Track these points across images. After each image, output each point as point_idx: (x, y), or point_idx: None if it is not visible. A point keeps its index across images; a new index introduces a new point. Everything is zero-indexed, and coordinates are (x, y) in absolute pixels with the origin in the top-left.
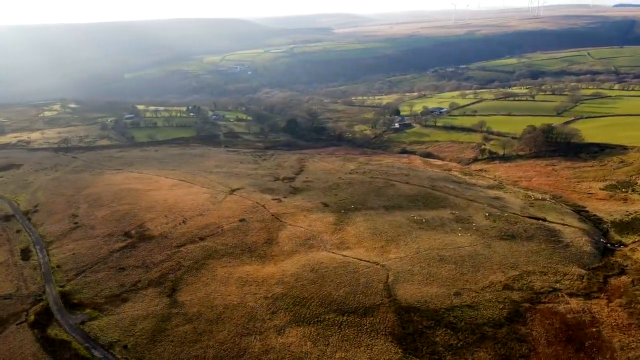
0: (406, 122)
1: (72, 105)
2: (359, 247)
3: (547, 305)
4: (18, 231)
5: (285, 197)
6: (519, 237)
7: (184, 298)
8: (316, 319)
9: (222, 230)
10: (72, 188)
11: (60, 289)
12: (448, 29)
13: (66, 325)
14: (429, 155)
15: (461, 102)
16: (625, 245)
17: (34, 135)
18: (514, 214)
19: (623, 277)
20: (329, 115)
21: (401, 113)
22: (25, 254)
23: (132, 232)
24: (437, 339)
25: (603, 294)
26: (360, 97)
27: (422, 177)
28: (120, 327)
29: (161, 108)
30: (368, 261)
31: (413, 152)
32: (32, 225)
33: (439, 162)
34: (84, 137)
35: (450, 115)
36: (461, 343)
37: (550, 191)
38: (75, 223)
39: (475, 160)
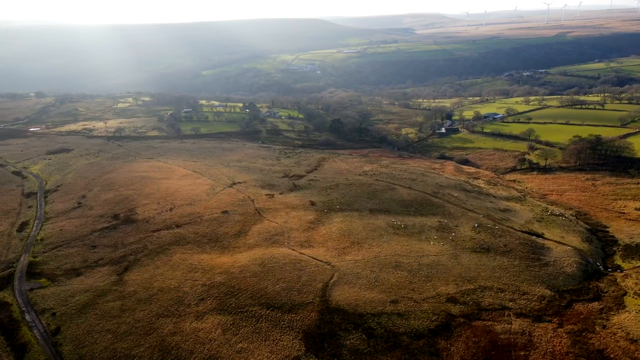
0: (454, 127)
1: (145, 99)
2: (321, 247)
3: (484, 322)
4: (30, 207)
5: (281, 194)
6: (494, 251)
7: (130, 277)
8: (239, 310)
9: (201, 219)
10: (97, 172)
11: (32, 259)
12: (536, 30)
13: (17, 290)
14: (465, 162)
15: (521, 108)
16: (621, 271)
17: (99, 125)
18: (509, 227)
19: (594, 304)
20: (382, 116)
21: (453, 118)
22: (23, 227)
23: (121, 215)
24: (347, 342)
25: (556, 318)
26: (421, 100)
27: (430, 183)
28: (60, 297)
29: (216, 103)
30: (321, 261)
31: (450, 158)
32: (45, 203)
33: (472, 170)
34: (139, 127)
35: (503, 122)
36: (369, 349)
37: (578, 207)
38: (79, 203)
39: (513, 170)
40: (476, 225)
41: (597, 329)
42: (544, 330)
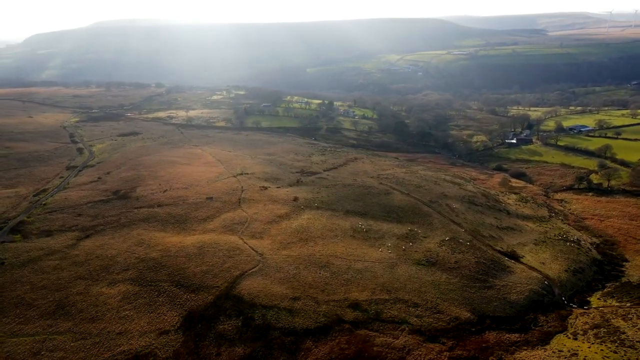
0: (527, 137)
1: (239, 92)
2: (269, 239)
3: (368, 332)
4: (61, 177)
5: (278, 187)
6: (439, 266)
7: (84, 244)
8: (150, 283)
9: (183, 202)
10: (138, 154)
11: (25, 219)
12: None
13: None
14: (520, 175)
15: (619, 121)
16: (586, 308)
17: (181, 113)
18: (487, 245)
19: (513, 335)
20: (462, 122)
21: (535, 127)
22: (40, 193)
23: (122, 191)
24: (220, 326)
25: (453, 342)
26: (515, 108)
27: (434, 192)
28: (17, 250)
29: (299, 99)
30: (256, 252)
31: (506, 170)
32: (74, 176)
33: (520, 185)
34: (211, 118)
35: (587, 136)
36: (234, 337)
37: (611, 235)
38: (99, 178)
39: (569, 188)
40: (447, 238)
41: (490, 359)
42: (428, 351)
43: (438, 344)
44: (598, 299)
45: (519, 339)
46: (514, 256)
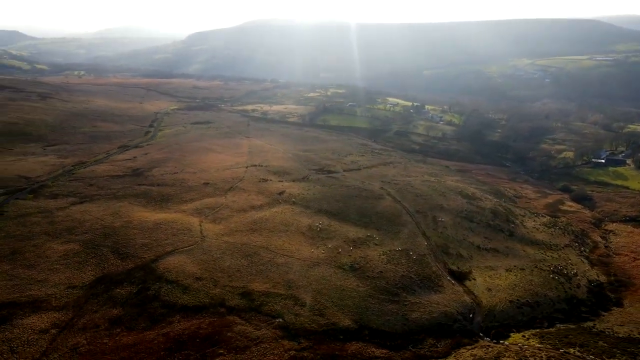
0: (619, 158)
1: (338, 91)
2: (224, 225)
3: (236, 319)
4: (107, 153)
5: (279, 182)
6: (359, 273)
7: (73, 208)
8: (94, 247)
9: (181, 184)
10: (188, 140)
11: (50, 184)
12: None
13: (12, 198)
14: (583, 199)
15: None
16: (494, 341)
17: (265, 107)
18: (442, 262)
19: (371, 349)
20: (562, 135)
21: None
22: (79, 164)
23: (139, 170)
24: (116, 290)
25: (308, 343)
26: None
27: (431, 203)
28: (21, 206)
29: (392, 100)
30: (202, 234)
31: (570, 191)
32: (119, 153)
33: (571, 209)
34: (288, 113)
35: None
36: (119, 299)
37: (630, 278)
38: (134, 157)
39: (632, 219)
40: (398, 249)
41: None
42: (277, 346)
43: (293, 342)
44: (523, 336)
45: (382, 355)
46: (461, 277)
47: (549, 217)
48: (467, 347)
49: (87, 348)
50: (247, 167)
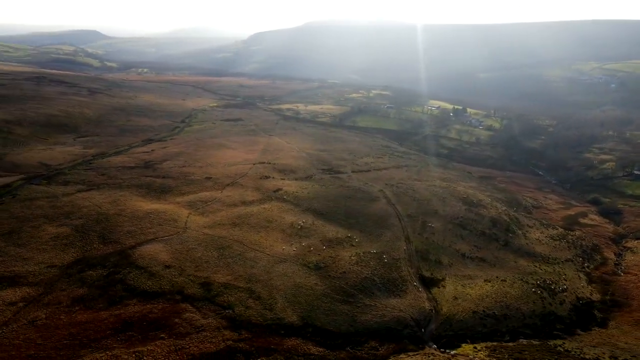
0: None
1: (382, 92)
2: (209, 218)
3: (188, 307)
4: (129, 145)
5: (282, 179)
6: (322, 272)
7: (78, 195)
8: (84, 231)
9: (185, 178)
10: (209, 136)
11: (66, 172)
12: None
13: (27, 183)
14: (611, 213)
15: None
16: (441, 350)
17: (300, 107)
18: (415, 267)
19: (307, 346)
20: (610, 145)
21: None
22: (100, 155)
23: (151, 162)
24: (91, 272)
25: (247, 335)
26: None
27: (427, 208)
28: (33, 190)
29: (437, 104)
30: (186, 225)
31: (600, 204)
32: (140, 146)
33: (593, 223)
34: (320, 113)
35: None
36: (88, 280)
37: (629, 298)
38: (152, 150)
39: None
40: (373, 251)
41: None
42: (216, 334)
43: (234, 333)
44: (474, 347)
45: (318, 353)
46: (431, 284)
47: (561, 230)
48: (410, 353)
49: (44, 322)
50: (254, 164)
